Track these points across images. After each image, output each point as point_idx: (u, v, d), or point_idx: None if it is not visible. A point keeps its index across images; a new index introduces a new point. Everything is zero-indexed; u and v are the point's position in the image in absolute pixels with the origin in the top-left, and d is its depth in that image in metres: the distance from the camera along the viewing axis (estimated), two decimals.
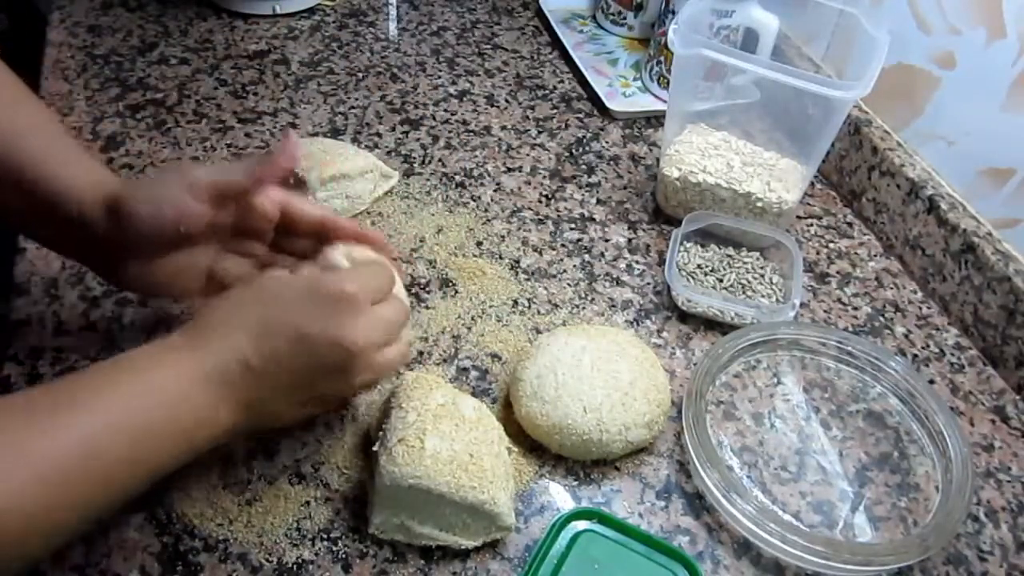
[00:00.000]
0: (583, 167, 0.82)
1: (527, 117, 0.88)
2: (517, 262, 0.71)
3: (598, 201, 0.79)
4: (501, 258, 0.71)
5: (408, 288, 0.67)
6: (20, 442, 0.37)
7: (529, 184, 0.80)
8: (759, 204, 0.72)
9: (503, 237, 0.73)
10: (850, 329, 0.69)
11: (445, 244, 0.72)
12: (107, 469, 0.39)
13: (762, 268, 0.70)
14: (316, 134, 0.82)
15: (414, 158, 0.81)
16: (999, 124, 0.67)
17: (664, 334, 0.66)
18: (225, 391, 0.43)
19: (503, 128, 0.86)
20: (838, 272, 0.75)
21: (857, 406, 0.62)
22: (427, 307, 0.66)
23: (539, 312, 0.67)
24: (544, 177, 0.81)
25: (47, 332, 0.60)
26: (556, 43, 1.00)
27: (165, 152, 0.77)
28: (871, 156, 0.78)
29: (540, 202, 0.78)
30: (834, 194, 0.84)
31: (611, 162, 0.84)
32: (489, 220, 0.75)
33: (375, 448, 0.50)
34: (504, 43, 1.00)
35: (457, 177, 0.79)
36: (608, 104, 0.89)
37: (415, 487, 0.47)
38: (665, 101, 0.88)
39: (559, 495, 0.55)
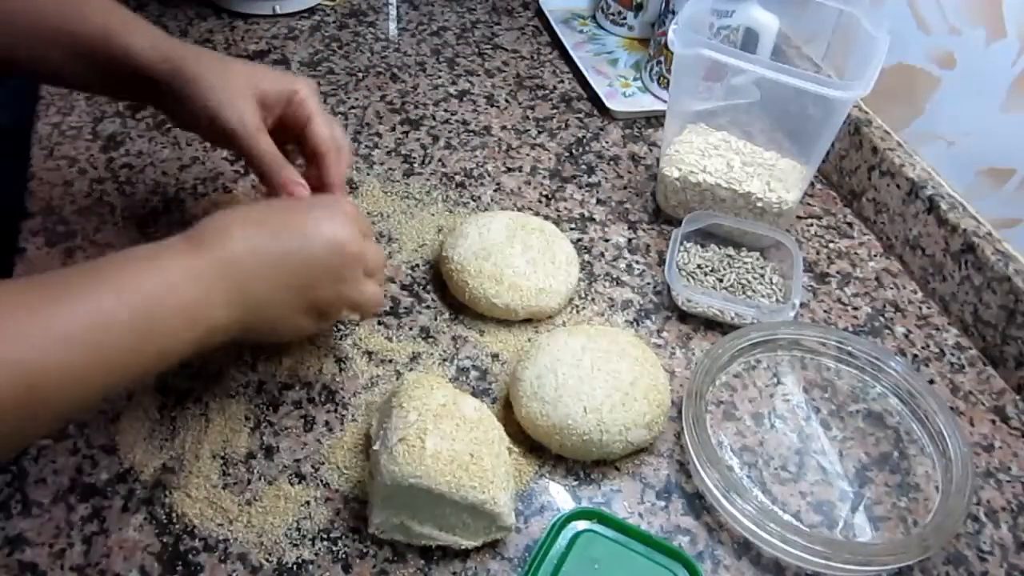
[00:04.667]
0: (583, 167, 0.82)
1: (527, 117, 0.88)
2: None
3: (598, 201, 0.79)
4: None
5: (408, 288, 0.67)
6: (36, 313, 0.38)
7: (529, 184, 0.80)
8: (759, 204, 0.72)
9: None
10: (850, 329, 0.69)
11: None
12: (112, 347, 0.41)
13: (762, 268, 0.70)
14: None
15: (414, 158, 0.81)
16: (999, 124, 0.67)
17: (664, 334, 0.66)
18: (223, 283, 0.45)
19: (503, 128, 0.86)
20: (838, 272, 0.75)
21: (857, 406, 0.62)
22: (427, 307, 0.66)
23: None
24: (544, 177, 0.81)
25: None
26: (556, 43, 1.00)
27: (165, 152, 0.77)
28: (871, 156, 0.78)
29: (540, 202, 0.78)
30: (834, 194, 0.84)
31: (611, 162, 0.84)
32: None
33: (375, 448, 0.50)
34: (504, 43, 1.00)
35: (457, 177, 0.79)
36: (608, 104, 0.89)
37: (415, 487, 0.47)
38: (665, 101, 0.88)
39: (559, 495, 0.55)
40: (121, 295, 0.41)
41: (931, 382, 0.65)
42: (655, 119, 0.90)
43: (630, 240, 0.75)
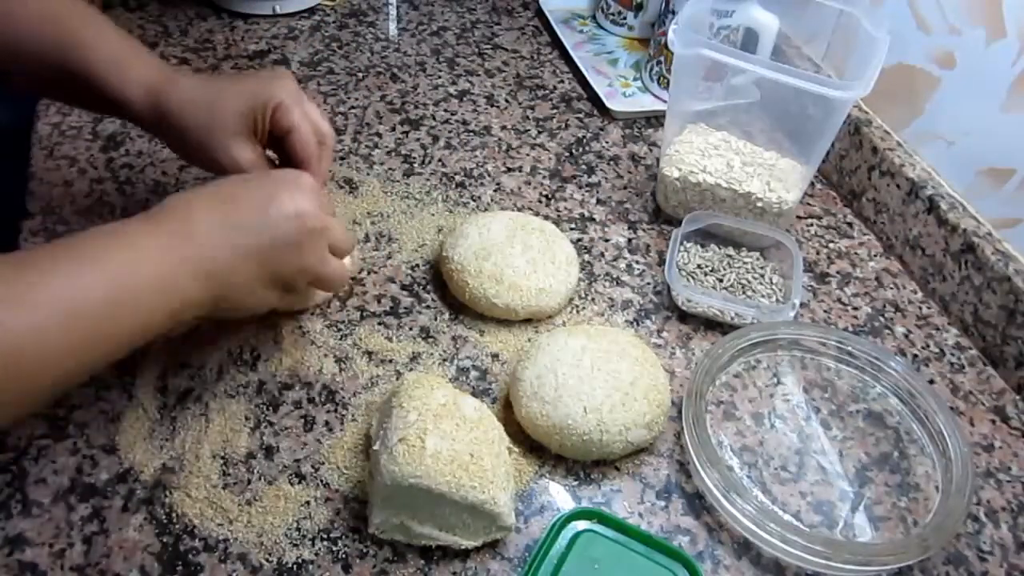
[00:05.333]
0: (583, 167, 0.82)
1: (527, 117, 0.88)
2: None
3: (598, 201, 0.79)
4: None
5: (408, 288, 0.67)
6: (12, 286, 0.40)
7: (529, 184, 0.80)
8: (759, 204, 0.72)
9: None
10: (850, 329, 0.69)
11: None
12: (90, 319, 0.42)
13: (762, 268, 0.70)
14: None
15: (414, 158, 0.81)
16: (999, 124, 0.67)
17: (664, 334, 0.66)
18: (190, 256, 0.46)
19: (503, 128, 0.86)
20: (838, 272, 0.75)
21: (857, 406, 0.62)
22: (427, 307, 0.66)
23: None
24: (544, 177, 0.81)
25: None
26: (556, 43, 1.00)
27: (165, 152, 0.77)
28: (871, 156, 0.78)
29: (540, 202, 0.78)
30: (834, 194, 0.84)
31: (611, 162, 0.84)
32: None
33: (375, 448, 0.50)
34: (504, 43, 1.00)
35: (457, 177, 0.79)
36: (608, 104, 0.89)
37: (415, 486, 0.47)
38: (665, 101, 0.88)
39: (559, 495, 0.55)
40: (95, 269, 0.43)
41: (931, 382, 0.65)
42: (655, 119, 0.90)
43: (630, 240, 0.75)
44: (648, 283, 0.71)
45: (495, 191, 0.78)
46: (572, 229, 0.75)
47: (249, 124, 0.57)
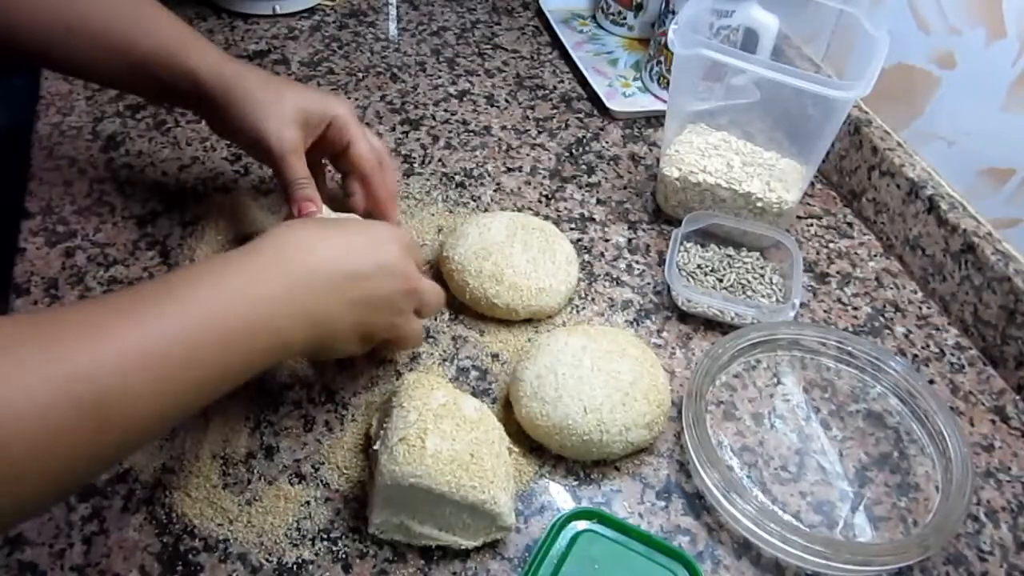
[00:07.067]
0: (583, 167, 0.82)
1: (527, 117, 0.88)
2: None
3: (598, 201, 0.79)
4: None
5: None
6: (119, 333, 0.39)
7: (529, 184, 0.80)
8: (759, 204, 0.72)
9: None
10: (850, 329, 0.69)
11: None
12: (190, 365, 0.41)
13: (762, 268, 0.70)
14: None
15: (414, 158, 0.81)
16: (999, 124, 0.67)
17: (664, 334, 0.66)
18: (306, 298, 0.46)
19: (503, 128, 0.86)
20: (838, 272, 0.75)
21: (857, 406, 0.62)
22: None
23: None
24: (544, 177, 0.81)
25: None
26: (556, 43, 1.00)
27: (165, 152, 0.77)
28: (871, 156, 0.78)
29: (540, 202, 0.78)
30: (834, 194, 0.84)
31: (611, 162, 0.84)
32: None
33: (375, 447, 0.50)
34: (504, 43, 1.00)
35: (457, 177, 0.79)
36: (608, 104, 0.89)
37: (416, 486, 0.47)
38: (665, 101, 0.88)
39: (559, 495, 0.55)
40: (179, 309, 0.41)
41: (931, 382, 0.65)
42: (655, 119, 0.90)
43: (630, 240, 0.75)
44: (648, 283, 0.71)
45: (495, 191, 0.78)
46: (572, 229, 0.75)
47: (302, 121, 0.59)
